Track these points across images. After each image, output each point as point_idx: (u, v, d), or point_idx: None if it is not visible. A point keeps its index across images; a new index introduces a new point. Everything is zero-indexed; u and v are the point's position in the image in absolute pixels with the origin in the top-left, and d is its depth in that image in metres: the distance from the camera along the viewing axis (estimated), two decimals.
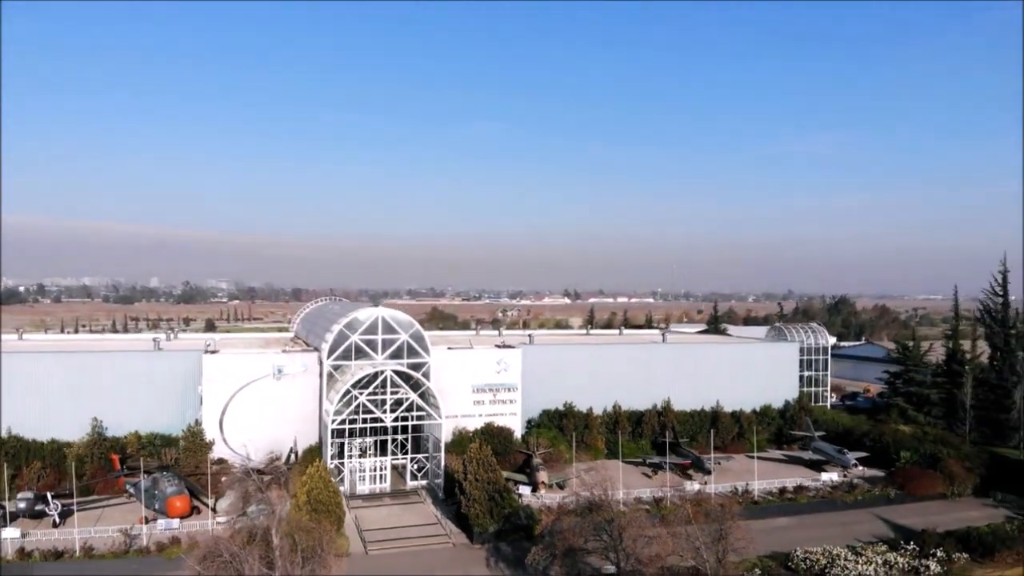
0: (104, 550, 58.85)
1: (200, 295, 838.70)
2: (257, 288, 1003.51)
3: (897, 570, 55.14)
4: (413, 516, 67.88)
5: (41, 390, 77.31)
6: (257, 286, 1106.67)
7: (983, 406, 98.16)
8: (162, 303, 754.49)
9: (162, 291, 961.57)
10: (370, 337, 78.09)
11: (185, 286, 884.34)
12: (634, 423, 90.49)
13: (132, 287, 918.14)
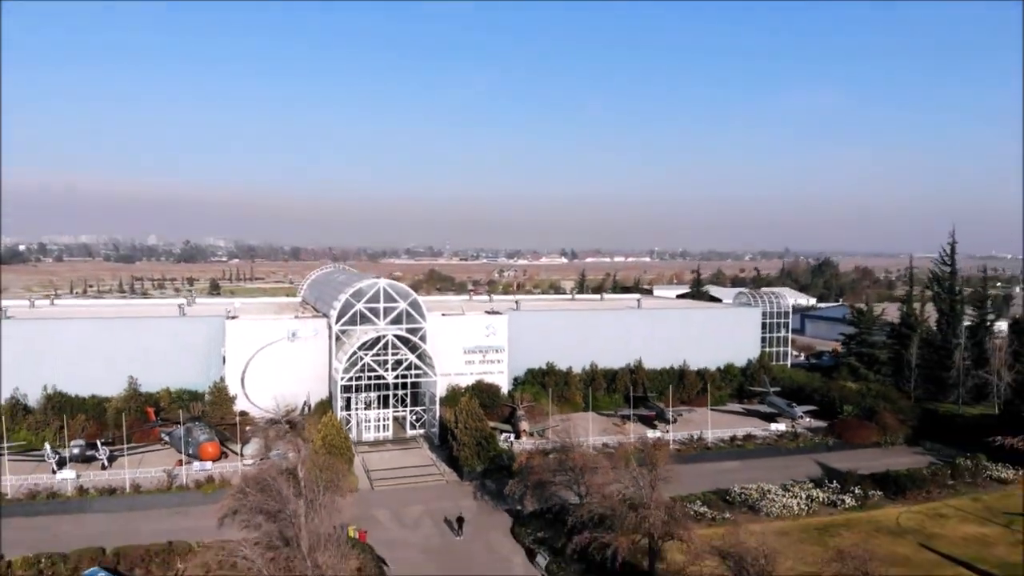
0: (150, 487, 69.41)
1: (200, 254, 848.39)
2: (256, 247, 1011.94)
3: (818, 503, 65.96)
4: (412, 459, 78.74)
5: (83, 352, 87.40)
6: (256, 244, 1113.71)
7: (927, 365, 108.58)
8: (162, 262, 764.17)
9: (162, 249, 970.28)
10: (373, 305, 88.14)
11: (185, 245, 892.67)
12: (609, 380, 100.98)
13: (132, 245, 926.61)
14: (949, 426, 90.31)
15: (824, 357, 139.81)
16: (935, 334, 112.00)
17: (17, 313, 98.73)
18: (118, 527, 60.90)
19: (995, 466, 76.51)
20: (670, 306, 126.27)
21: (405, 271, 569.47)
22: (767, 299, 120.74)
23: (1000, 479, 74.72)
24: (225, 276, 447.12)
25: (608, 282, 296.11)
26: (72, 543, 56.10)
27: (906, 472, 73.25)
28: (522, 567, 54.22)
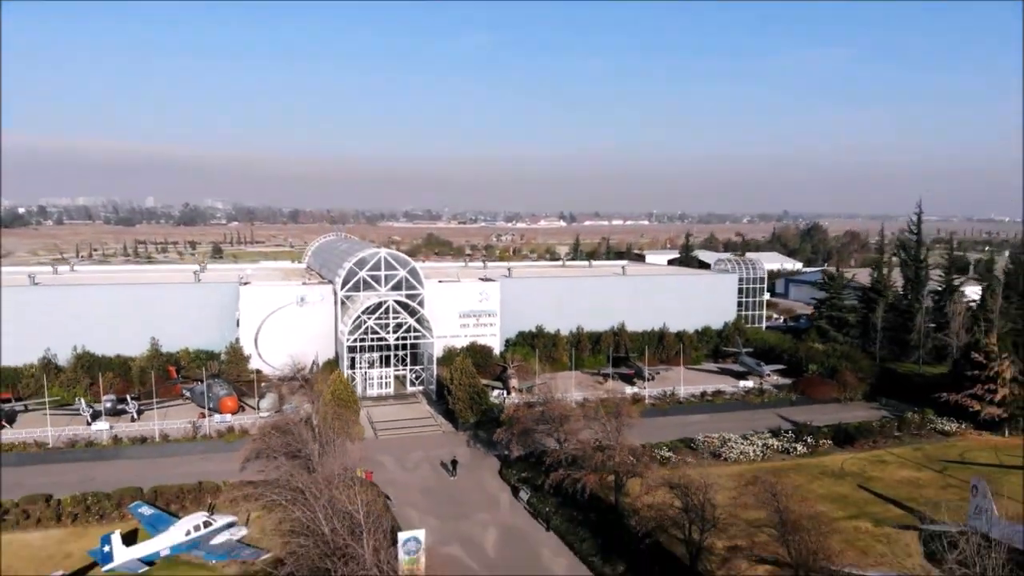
0: (177, 436, 77.49)
1: (199, 216, 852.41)
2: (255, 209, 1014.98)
3: (773, 450, 74.10)
4: (412, 412, 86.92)
5: (109, 315, 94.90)
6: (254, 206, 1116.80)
7: (892, 327, 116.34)
8: (162, 224, 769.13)
9: (160, 212, 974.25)
10: (375, 273, 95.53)
11: (184, 208, 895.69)
12: (593, 342, 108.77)
13: (131, 208, 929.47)
14: (905, 384, 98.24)
15: (801, 320, 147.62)
16: (900, 298, 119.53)
17: (43, 279, 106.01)
18: (151, 471, 68.83)
19: (940, 420, 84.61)
20: (652, 273, 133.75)
21: (403, 235, 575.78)
22: (745, 265, 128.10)
23: (943, 431, 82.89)
24: (226, 240, 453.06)
25: (603, 247, 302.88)
26: (112, 484, 64.03)
27: (856, 424, 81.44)
28: (508, 502, 62.45)
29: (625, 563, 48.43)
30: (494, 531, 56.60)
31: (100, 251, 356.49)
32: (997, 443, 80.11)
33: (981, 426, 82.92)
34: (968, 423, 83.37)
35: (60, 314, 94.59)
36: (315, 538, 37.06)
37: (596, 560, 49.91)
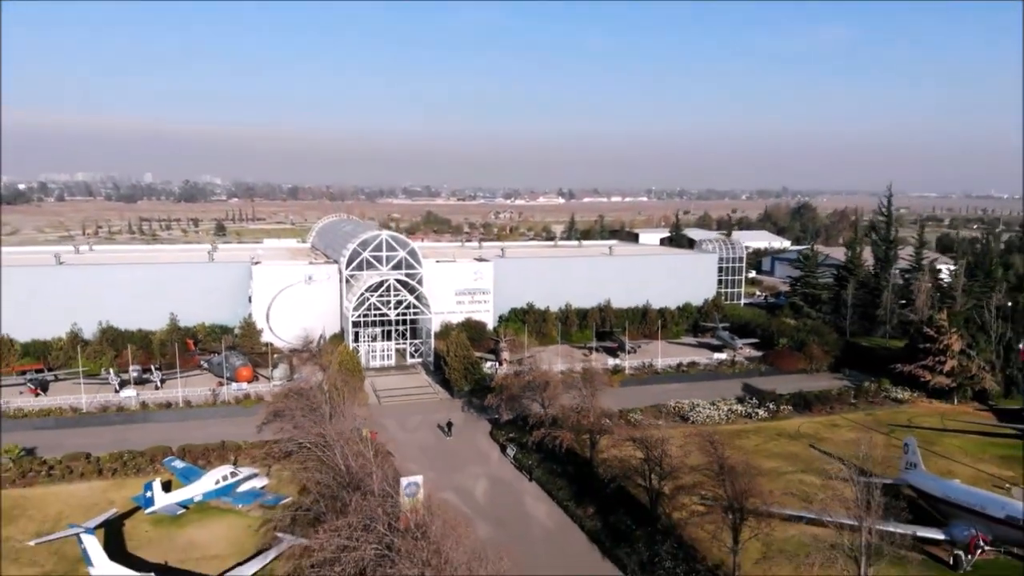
0: (199, 403, 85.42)
1: (200, 193, 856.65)
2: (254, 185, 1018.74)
3: (736, 415, 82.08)
4: (411, 381, 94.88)
5: (131, 292, 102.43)
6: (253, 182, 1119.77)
7: (862, 304, 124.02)
8: (163, 201, 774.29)
9: (160, 188, 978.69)
10: (377, 253, 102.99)
11: (184, 184, 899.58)
12: (581, 318, 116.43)
13: (132, 185, 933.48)
14: (869, 356, 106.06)
15: (781, 297, 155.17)
16: (870, 277, 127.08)
17: (68, 259, 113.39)
18: (177, 432, 76.67)
19: (895, 389, 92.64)
20: (637, 253, 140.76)
21: (403, 212, 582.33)
22: (726, 245, 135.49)
23: (897, 399, 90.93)
24: (228, 217, 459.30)
25: (598, 225, 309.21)
26: (143, 444, 71.96)
27: (816, 392, 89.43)
28: (497, 458, 70.51)
29: (595, 506, 56.49)
30: (484, 482, 64.70)
31: (106, 228, 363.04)
32: (944, 410, 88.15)
33: (932, 395, 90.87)
34: (920, 392, 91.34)
35: (85, 291, 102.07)
36: (333, 472, 44.85)
37: (571, 504, 57.99)
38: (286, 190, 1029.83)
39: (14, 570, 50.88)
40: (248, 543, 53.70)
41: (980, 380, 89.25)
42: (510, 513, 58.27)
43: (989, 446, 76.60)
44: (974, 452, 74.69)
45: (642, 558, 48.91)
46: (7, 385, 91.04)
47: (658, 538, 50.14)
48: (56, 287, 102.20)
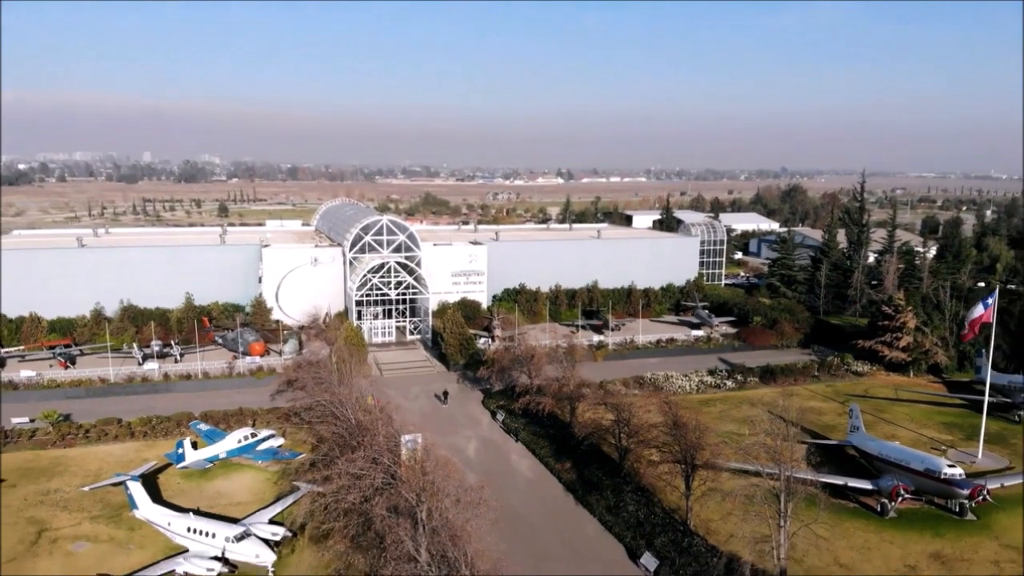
0: (216, 374, 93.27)
1: (200, 173, 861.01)
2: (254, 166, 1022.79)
3: (706, 385, 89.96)
4: (411, 356, 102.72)
5: (149, 273, 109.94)
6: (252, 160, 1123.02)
7: (835, 284, 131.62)
8: (163, 181, 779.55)
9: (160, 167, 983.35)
10: (378, 237, 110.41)
11: (185, 164, 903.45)
12: (570, 297, 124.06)
13: (132, 165, 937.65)
14: (837, 333, 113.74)
15: (763, 278, 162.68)
16: (843, 259, 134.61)
17: (89, 242, 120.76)
18: (197, 400, 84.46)
19: (856, 363, 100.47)
20: (624, 236, 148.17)
21: (402, 193, 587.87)
22: (708, 229, 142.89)
23: (856, 372, 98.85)
24: (230, 198, 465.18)
25: (594, 207, 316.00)
26: (168, 410, 79.80)
27: (783, 365, 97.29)
28: (487, 422, 78.50)
29: (571, 461, 64.49)
30: (475, 442, 72.70)
31: (111, 210, 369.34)
32: (900, 382, 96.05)
33: (889, 368, 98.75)
34: (879, 365, 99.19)
35: (107, 272, 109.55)
36: (345, 424, 52.66)
37: (551, 460, 65.99)
38: (285, 170, 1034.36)
39: (64, 517, 58.73)
40: (268, 492, 61.75)
41: (933, 355, 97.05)
42: (498, 467, 66.28)
43: (935, 414, 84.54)
44: (920, 419, 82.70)
45: (609, 503, 56.92)
46: (38, 359, 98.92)
47: (623, 486, 58.14)
48: (79, 268, 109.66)
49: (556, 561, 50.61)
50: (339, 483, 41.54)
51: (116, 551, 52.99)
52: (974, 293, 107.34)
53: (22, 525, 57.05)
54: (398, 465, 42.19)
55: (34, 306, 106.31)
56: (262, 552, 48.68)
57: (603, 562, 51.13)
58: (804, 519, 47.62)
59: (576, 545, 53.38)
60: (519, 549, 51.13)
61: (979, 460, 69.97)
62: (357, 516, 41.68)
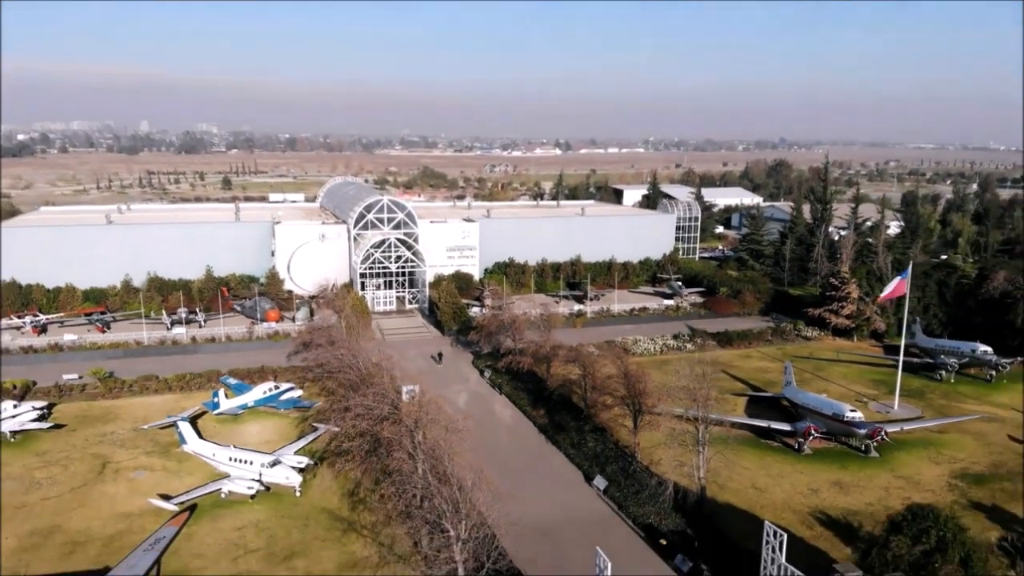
0: (237, 338, 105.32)
1: (200, 144, 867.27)
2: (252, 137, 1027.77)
3: (669, 348, 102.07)
4: (410, 322, 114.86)
5: (172, 247, 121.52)
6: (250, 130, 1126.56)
7: (798, 258, 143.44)
8: (163, 152, 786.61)
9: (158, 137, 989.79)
10: (380, 215, 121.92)
11: (185, 136, 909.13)
12: (555, 270, 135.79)
13: (131, 136, 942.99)
14: (796, 303, 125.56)
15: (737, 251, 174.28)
16: (807, 235, 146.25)
17: (117, 219, 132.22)
18: (223, 360, 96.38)
19: (807, 328, 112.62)
20: (606, 213, 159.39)
21: (400, 165, 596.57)
22: (684, 207, 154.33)
23: (806, 337, 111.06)
24: (231, 170, 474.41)
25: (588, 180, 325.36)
26: (198, 368, 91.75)
27: (740, 330, 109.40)
28: (476, 379, 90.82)
29: (545, 408, 76.83)
30: (465, 394, 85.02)
31: (117, 183, 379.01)
32: (843, 346, 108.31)
33: (835, 333, 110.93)
34: (826, 331, 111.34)
35: (133, 247, 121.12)
36: (354, 372, 64.79)
37: (528, 408, 78.28)
38: (284, 141, 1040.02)
39: (123, 453, 70.95)
40: (291, 433, 74.08)
41: (873, 322, 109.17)
42: (483, 414, 78.59)
43: (868, 373, 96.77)
44: (853, 377, 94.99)
45: (573, 441, 69.28)
46: (76, 324, 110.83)
47: (585, 427, 70.51)
48: (109, 243, 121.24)
49: (529, 483, 62.87)
50: (354, 412, 53.73)
51: (170, 477, 65.31)
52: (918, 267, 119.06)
53: (88, 459, 69.28)
54: (400, 400, 54.31)
55: (69, 277, 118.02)
56: (291, 475, 61.02)
57: (565, 484, 63.62)
58: (719, 448, 59.80)
59: (545, 472, 65.83)
60: (500, 475, 63.28)
61: (895, 410, 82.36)
62: (368, 438, 53.83)
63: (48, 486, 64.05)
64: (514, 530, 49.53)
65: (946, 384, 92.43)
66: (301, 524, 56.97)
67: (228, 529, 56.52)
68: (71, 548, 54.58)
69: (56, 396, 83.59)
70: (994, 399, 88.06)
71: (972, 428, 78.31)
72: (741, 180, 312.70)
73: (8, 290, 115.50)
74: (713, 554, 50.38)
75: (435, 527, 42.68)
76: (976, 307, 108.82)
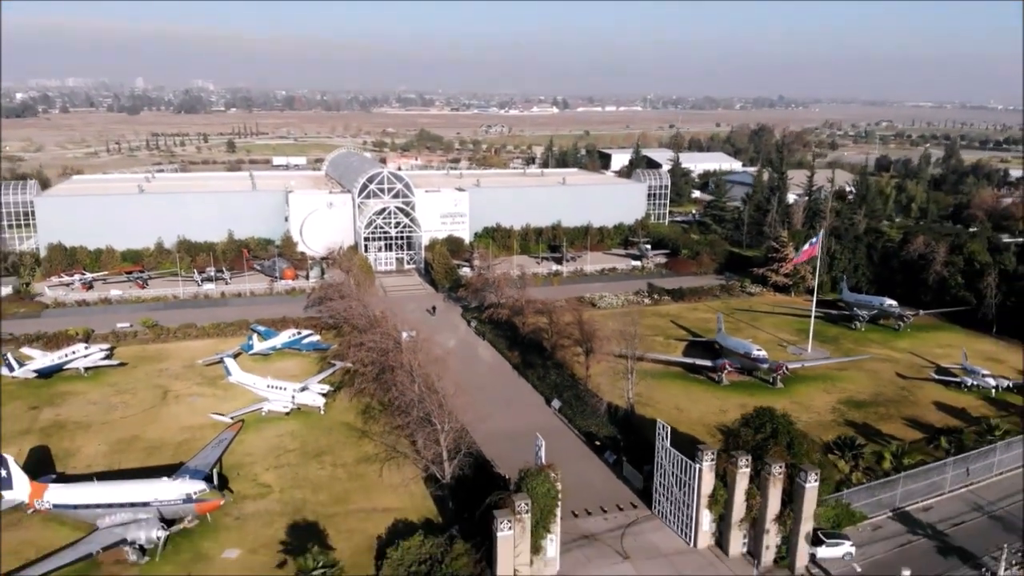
0: (260, 293, 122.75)
1: (198, 103, 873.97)
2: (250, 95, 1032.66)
3: (629, 302, 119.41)
4: (408, 280, 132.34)
5: (198, 213, 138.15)
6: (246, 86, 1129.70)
7: (757, 223, 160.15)
8: (163, 112, 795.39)
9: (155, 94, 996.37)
10: (381, 186, 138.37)
11: (184, 95, 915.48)
12: (537, 234, 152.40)
13: (130, 95, 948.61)
14: (748, 263, 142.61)
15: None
16: (764, 201, 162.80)
17: (147, 188, 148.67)
18: (248, 312, 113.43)
19: (751, 285, 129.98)
20: (584, 183, 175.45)
21: (397, 125, 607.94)
22: (655, 175, 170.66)
23: (750, 292, 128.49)
24: (233, 131, 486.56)
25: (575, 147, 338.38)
26: (229, 318, 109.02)
27: (692, 287, 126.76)
28: (464, 328, 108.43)
29: (519, 351, 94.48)
30: (455, 340, 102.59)
31: (127, 145, 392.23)
32: (781, 300, 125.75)
33: (776, 289, 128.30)
34: (768, 288, 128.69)
35: (164, 213, 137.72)
36: (364, 319, 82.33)
37: (505, 350, 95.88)
38: (282, 99, 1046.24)
39: (179, 383, 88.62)
40: (312, 369, 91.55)
41: (808, 280, 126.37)
42: (469, 355, 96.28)
43: (795, 323, 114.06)
44: (782, 326, 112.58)
45: (539, 374, 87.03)
46: (118, 282, 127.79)
47: (548, 364, 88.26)
48: (142, 210, 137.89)
49: (502, 406, 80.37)
50: (367, 347, 71.39)
51: (220, 401, 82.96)
52: (851, 232, 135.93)
53: (151, 388, 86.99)
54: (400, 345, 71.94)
55: (108, 240, 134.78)
56: (316, 398, 78.79)
57: (530, 406, 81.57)
58: (644, 377, 77.57)
59: (515, 398, 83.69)
60: (481, 399, 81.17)
61: (808, 352, 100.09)
62: (376, 366, 71.45)
63: (124, 408, 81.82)
64: (489, 436, 67.64)
65: (859, 332, 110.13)
66: (326, 432, 75.06)
67: (271, 436, 74.54)
68: (151, 451, 72.43)
69: (114, 341, 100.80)
70: (896, 344, 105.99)
71: (868, 367, 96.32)
72: (724, 145, 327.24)
73: (55, 252, 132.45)
74: (633, 451, 68.17)
75: (426, 422, 60.24)
76: (898, 267, 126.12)
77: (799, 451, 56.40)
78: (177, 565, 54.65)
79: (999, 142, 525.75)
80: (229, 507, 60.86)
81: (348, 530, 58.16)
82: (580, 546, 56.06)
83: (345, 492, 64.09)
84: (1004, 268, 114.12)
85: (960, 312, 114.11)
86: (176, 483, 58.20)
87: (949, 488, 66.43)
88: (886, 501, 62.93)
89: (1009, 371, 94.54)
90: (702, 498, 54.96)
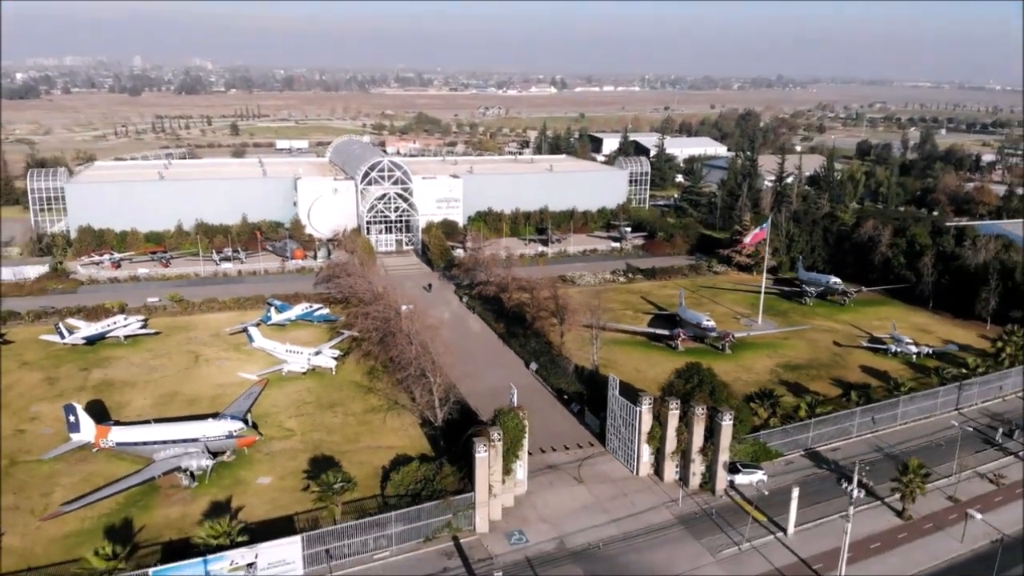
0: (273, 271, 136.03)
1: (199, 84, 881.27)
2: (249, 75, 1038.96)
3: (605, 280, 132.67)
4: (406, 261, 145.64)
5: (214, 198, 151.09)
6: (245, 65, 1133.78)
7: (728, 205, 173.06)
8: (164, 93, 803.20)
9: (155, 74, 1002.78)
10: (381, 173, 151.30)
11: (185, 76, 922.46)
12: (526, 218, 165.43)
13: (130, 75, 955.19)
14: (718, 244, 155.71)
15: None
16: (735, 186, 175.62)
17: (166, 175, 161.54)
18: (262, 288, 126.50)
19: (717, 265, 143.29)
20: (570, 170, 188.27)
21: (396, 107, 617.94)
22: (636, 163, 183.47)
23: (715, 272, 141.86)
24: (236, 114, 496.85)
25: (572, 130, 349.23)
26: (247, 293, 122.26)
27: (663, 267, 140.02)
28: (456, 303, 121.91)
29: (504, 323, 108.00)
30: (448, 313, 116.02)
31: (133, 128, 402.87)
32: (742, 279, 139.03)
33: (740, 269, 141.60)
34: (733, 267, 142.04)
35: (182, 198, 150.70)
36: (369, 293, 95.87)
37: (492, 322, 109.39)
38: (281, 79, 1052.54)
39: (207, 349, 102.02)
40: (323, 337, 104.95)
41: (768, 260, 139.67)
42: (460, 326, 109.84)
43: (752, 298, 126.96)
44: (739, 301, 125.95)
45: (520, 342, 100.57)
46: (143, 261, 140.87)
47: (528, 333, 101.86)
48: (162, 195, 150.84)
49: (488, 369, 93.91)
50: (371, 316, 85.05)
51: (245, 364, 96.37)
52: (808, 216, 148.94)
53: (184, 353, 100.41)
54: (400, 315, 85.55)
55: (132, 223, 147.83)
56: (328, 361, 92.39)
57: (511, 368, 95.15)
58: (608, 344, 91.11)
59: (499, 362, 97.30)
60: (468, 362, 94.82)
61: (758, 323, 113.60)
62: (379, 333, 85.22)
63: (162, 369, 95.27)
64: (474, 392, 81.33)
65: (808, 307, 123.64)
66: (337, 388, 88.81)
67: (291, 392, 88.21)
68: (190, 403, 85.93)
69: (146, 313, 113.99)
70: (839, 317, 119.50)
71: (810, 336, 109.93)
72: (711, 130, 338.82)
73: (85, 233, 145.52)
74: (595, 403, 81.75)
75: (422, 376, 73.91)
76: (849, 248, 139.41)
77: (719, 397, 70.14)
78: (221, 488, 68.31)
79: (986, 125, 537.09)
80: (260, 445, 74.58)
81: (359, 462, 71.89)
82: (544, 473, 70.01)
83: (355, 434, 77.90)
84: (942, 249, 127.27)
85: (901, 289, 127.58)
86: (219, 423, 71.91)
87: (856, 434, 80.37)
88: (801, 442, 76.88)
89: (935, 340, 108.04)
90: (642, 435, 68.72)
